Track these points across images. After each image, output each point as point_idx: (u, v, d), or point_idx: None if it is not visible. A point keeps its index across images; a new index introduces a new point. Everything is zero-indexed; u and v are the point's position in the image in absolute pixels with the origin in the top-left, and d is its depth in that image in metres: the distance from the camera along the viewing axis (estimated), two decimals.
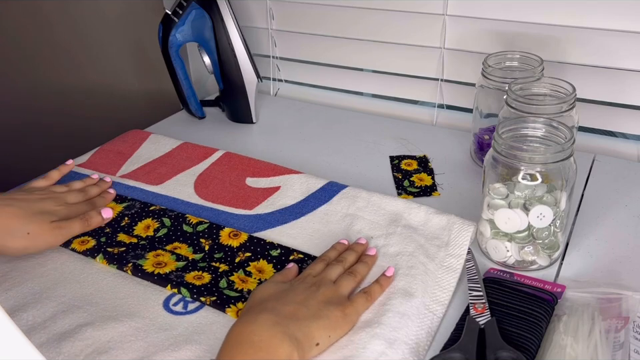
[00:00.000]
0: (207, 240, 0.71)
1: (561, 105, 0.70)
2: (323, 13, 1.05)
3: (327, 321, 0.55)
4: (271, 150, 0.94)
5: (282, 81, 1.17)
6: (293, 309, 0.54)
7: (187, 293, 0.63)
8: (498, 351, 0.53)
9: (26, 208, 0.68)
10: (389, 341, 0.55)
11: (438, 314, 0.60)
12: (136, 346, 0.57)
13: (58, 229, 0.69)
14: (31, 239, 0.67)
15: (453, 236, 0.68)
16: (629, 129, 0.91)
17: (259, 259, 0.68)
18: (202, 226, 0.73)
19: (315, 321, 0.54)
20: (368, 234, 0.70)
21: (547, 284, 0.63)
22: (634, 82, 0.86)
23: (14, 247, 0.66)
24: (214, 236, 0.72)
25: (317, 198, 0.77)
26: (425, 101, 1.06)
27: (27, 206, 0.69)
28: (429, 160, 0.89)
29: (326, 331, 0.54)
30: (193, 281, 0.64)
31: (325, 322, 0.55)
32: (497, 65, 0.82)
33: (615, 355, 0.53)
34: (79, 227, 0.71)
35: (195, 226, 0.73)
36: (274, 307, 0.54)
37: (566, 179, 0.64)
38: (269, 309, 0.54)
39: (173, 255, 0.69)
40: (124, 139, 0.95)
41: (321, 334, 0.54)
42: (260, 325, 0.52)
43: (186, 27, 0.96)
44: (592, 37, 0.86)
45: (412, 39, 0.99)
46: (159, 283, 0.64)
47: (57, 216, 0.70)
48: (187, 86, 1.01)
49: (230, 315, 0.60)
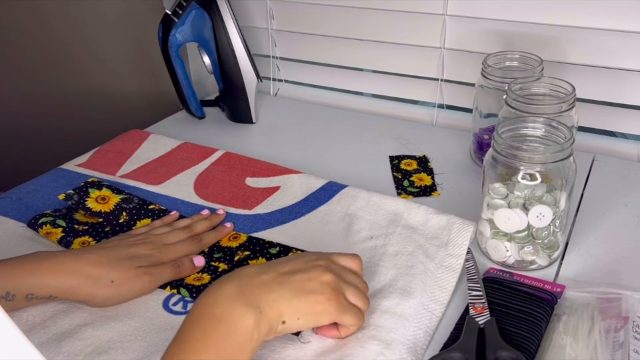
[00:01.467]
0: None
1: (561, 104, 0.70)
2: (323, 13, 1.05)
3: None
4: (271, 150, 0.94)
5: (282, 81, 1.17)
6: (262, 279, 0.51)
7: (186, 293, 0.63)
8: (497, 350, 0.53)
9: (111, 255, 0.62)
10: (386, 341, 0.55)
11: (437, 314, 0.60)
12: (135, 346, 0.57)
13: (146, 275, 0.63)
14: (116, 287, 0.61)
15: (452, 236, 0.68)
16: (628, 129, 0.91)
17: (258, 257, 0.68)
18: None
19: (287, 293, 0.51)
20: (368, 234, 0.70)
21: (547, 284, 0.63)
22: (634, 82, 0.86)
23: (100, 296, 0.61)
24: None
25: (317, 198, 0.77)
26: (425, 101, 1.06)
27: (114, 253, 0.63)
28: (428, 160, 0.89)
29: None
30: (193, 282, 0.64)
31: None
32: (496, 64, 0.82)
33: (614, 355, 0.53)
34: (170, 273, 0.64)
35: None
36: (238, 276, 0.51)
37: (565, 178, 0.64)
38: (233, 278, 0.51)
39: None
40: (124, 138, 0.95)
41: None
42: (222, 294, 0.49)
43: (186, 27, 0.96)
44: (592, 37, 0.86)
45: (412, 39, 0.99)
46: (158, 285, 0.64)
47: (148, 260, 0.64)
48: (187, 86, 1.01)
49: None
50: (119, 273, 0.61)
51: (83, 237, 0.71)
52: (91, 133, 1.01)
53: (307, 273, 0.54)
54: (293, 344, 0.57)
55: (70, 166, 0.89)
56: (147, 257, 0.64)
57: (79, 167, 0.88)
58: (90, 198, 0.76)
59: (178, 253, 0.67)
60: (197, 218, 0.74)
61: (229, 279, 0.51)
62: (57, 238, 0.71)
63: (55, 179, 0.85)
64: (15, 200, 0.80)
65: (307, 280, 0.53)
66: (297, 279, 0.53)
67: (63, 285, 0.59)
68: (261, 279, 0.51)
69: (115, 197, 0.77)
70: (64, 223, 0.73)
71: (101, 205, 0.75)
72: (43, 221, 0.72)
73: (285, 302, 0.51)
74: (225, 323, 0.47)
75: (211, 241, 0.71)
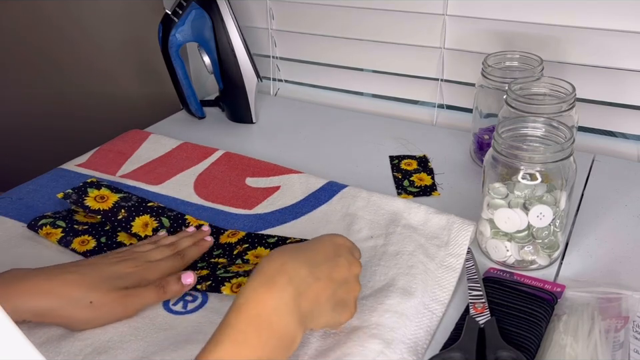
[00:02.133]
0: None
1: (561, 104, 0.70)
2: (323, 13, 1.05)
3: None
4: (271, 150, 0.94)
5: (282, 81, 1.17)
6: (316, 290, 0.50)
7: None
8: (498, 350, 0.53)
9: (91, 274, 0.58)
10: (387, 340, 0.55)
11: (437, 313, 0.60)
12: (135, 345, 0.57)
13: (127, 297, 0.59)
14: (95, 309, 0.57)
15: (452, 235, 0.68)
16: (628, 129, 0.91)
17: (256, 247, 0.68)
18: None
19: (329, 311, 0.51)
20: (368, 233, 0.70)
21: (547, 283, 0.63)
22: (634, 82, 0.86)
23: (77, 319, 0.57)
24: (213, 237, 0.72)
25: (317, 198, 0.77)
26: (425, 101, 1.06)
27: (93, 272, 0.58)
28: (428, 160, 0.89)
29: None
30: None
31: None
32: (496, 64, 0.82)
33: (614, 355, 0.53)
34: (154, 295, 0.60)
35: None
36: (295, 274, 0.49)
37: (566, 178, 0.64)
38: (291, 276, 0.49)
39: None
40: (124, 139, 0.95)
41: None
42: (281, 302, 0.47)
43: (186, 26, 0.96)
44: (592, 37, 0.86)
45: (412, 39, 0.99)
46: None
47: (131, 280, 0.60)
48: (187, 86, 1.01)
49: (225, 292, 0.61)
50: (98, 295, 0.57)
51: (82, 236, 0.71)
52: (91, 133, 1.01)
53: (347, 284, 0.53)
54: None
55: (70, 166, 0.89)
56: (130, 276, 0.61)
57: (78, 167, 0.88)
58: (89, 197, 0.76)
59: (162, 270, 0.64)
60: (181, 235, 0.71)
61: (286, 277, 0.48)
62: (57, 238, 0.71)
63: (54, 179, 0.85)
64: (15, 200, 0.80)
65: (347, 293, 0.54)
66: (341, 293, 0.53)
67: (36, 308, 0.55)
68: (315, 288, 0.50)
69: (113, 195, 0.77)
70: (64, 223, 0.73)
71: (99, 203, 0.75)
72: (43, 222, 0.72)
73: (326, 319, 0.52)
74: (278, 334, 0.47)
75: (195, 256, 0.68)
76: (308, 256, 0.52)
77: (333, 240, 0.56)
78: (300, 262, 0.50)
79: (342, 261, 0.53)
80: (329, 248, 0.54)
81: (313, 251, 0.53)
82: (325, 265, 0.52)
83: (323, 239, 0.55)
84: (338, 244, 0.55)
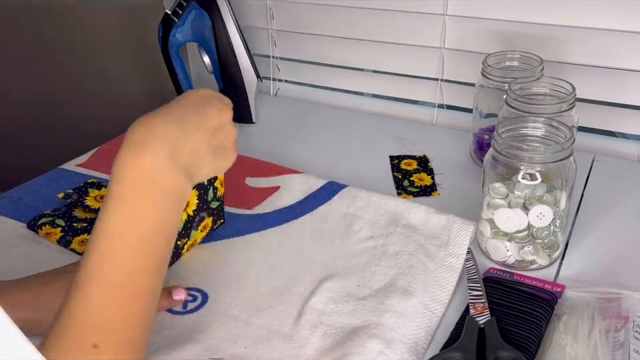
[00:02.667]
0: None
1: (561, 104, 0.70)
2: (322, 13, 1.05)
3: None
4: (271, 150, 0.94)
5: (282, 81, 1.17)
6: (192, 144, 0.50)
7: None
8: (498, 350, 0.53)
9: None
10: (387, 340, 0.55)
11: (437, 313, 0.60)
12: None
13: None
14: None
15: (452, 235, 0.68)
16: (628, 129, 0.91)
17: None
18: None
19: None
20: (368, 233, 0.70)
21: (547, 283, 0.63)
22: (634, 82, 0.86)
23: None
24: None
25: (317, 197, 0.77)
26: (425, 101, 1.06)
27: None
28: (428, 160, 0.89)
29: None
30: None
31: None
32: (496, 64, 0.82)
33: (614, 355, 0.53)
34: None
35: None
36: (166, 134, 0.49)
37: (566, 178, 0.64)
38: (163, 137, 0.48)
39: None
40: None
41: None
42: (160, 157, 0.47)
43: (186, 26, 0.96)
44: (592, 37, 0.86)
45: (412, 39, 0.99)
46: None
47: None
48: (187, 86, 1.01)
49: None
50: None
51: (82, 235, 0.71)
52: (91, 133, 1.01)
53: (222, 130, 0.54)
54: (293, 344, 0.57)
55: (70, 166, 0.89)
56: None
57: (79, 167, 0.88)
58: (89, 197, 0.76)
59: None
60: None
61: (156, 139, 0.48)
62: (57, 238, 0.71)
63: (54, 179, 0.85)
64: (14, 200, 0.80)
65: (224, 139, 0.54)
66: (217, 139, 0.53)
67: (17, 321, 0.53)
68: (189, 141, 0.50)
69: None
70: (63, 222, 0.73)
71: (99, 202, 0.75)
72: (42, 222, 0.72)
73: (210, 167, 0.53)
74: (164, 190, 0.47)
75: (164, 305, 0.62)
76: (174, 113, 0.51)
77: (197, 92, 0.55)
78: (167, 121, 0.49)
79: (211, 109, 0.53)
80: (195, 100, 0.53)
81: (179, 107, 0.52)
82: (194, 116, 0.51)
83: (187, 94, 0.55)
84: (203, 95, 0.55)
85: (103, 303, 0.43)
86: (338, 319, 0.59)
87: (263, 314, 0.60)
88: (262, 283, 0.65)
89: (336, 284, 0.63)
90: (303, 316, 0.60)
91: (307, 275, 0.65)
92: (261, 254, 0.69)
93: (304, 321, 0.59)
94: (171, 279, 0.66)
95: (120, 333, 0.43)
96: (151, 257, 0.46)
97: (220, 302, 0.62)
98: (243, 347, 0.56)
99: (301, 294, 0.63)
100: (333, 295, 0.62)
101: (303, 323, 0.59)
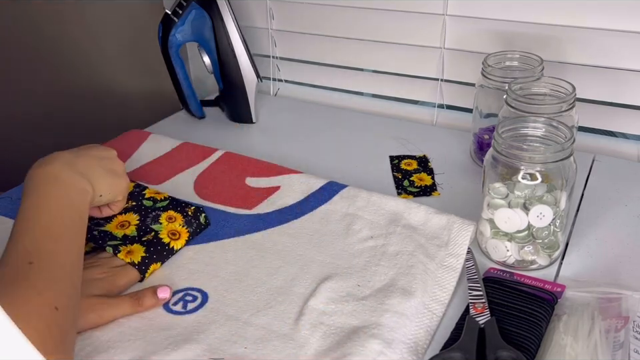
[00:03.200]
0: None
1: (561, 104, 0.70)
2: (322, 13, 1.05)
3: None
4: (271, 150, 0.94)
5: (282, 81, 1.17)
6: (83, 161, 0.64)
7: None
8: (498, 350, 0.53)
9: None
10: (387, 340, 0.55)
11: (437, 313, 0.60)
12: (135, 345, 0.57)
13: (102, 306, 0.59)
14: None
15: (452, 235, 0.68)
16: (629, 129, 0.91)
17: (173, 210, 0.74)
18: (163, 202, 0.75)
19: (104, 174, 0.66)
20: (368, 233, 0.70)
21: (547, 283, 0.63)
22: (634, 82, 0.86)
23: None
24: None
25: (317, 198, 0.77)
26: (425, 101, 1.06)
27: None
28: (428, 160, 0.89)
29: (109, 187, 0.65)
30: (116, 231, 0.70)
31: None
32: (496, 64, 0.82)
33: (614, 355, 0.53)
34: (129, 308, 0.60)
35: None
36: (61, 156, 0.62)
37: (566, 178, 0.64)
38: (57, 157, 0.62)
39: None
40: (124, 138, 0.95)
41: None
42: (56, 164, 0.60)
43: (186, 26, 0.96)
44: (592, 37, 0.86)
45: (412, 39, 0.99)
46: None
47: (101, 287, 0.61)
48: (187, 86, 1.01)
49: (120, 256, 0.65)
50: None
51: None
52: (91, 132, 1.01)
53: (112, 160, 0.69)
54: (293, 344, 0.57)
55: None
56: (100, 282, 0.61)
57: None
58: None
59: (130, 276, 0.64)
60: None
61: (54, 159, 0.61)
62: None
63: None
64: (14, 200, 0.80)
65: (112, 165, 0.68)
66: (106, 164, 0.67)
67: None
68: (82, 160, 0.63)
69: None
70: None
71: None
72: None
73: (107, 181, 0.66)
74: (68, 185, 0.59)
75: (152, 304, 0.63)
76: (65, 153, 0.63)
77: (85, 147, 0.68)
78: (61, 152, 0.63)
79: (96, 147, 0.69)
80: (83, 146, 0.68)
81: (69, 152, 0.64)
82: (84, 150, 0.66)
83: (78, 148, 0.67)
84: (88, 146, 0.69)
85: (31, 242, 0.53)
86: (338, 319, 0.59)
87: (262, 314, 0.60)
88: (262, 283, 0.65)
89: (336, 284, 0.63)
90: (302, 316, 0.60)
91: (307, 275, 0.65)
92: (261, 254, 0.69)
93: (304, 321, 0.59)
94: (171, 278, 0.66)
95: (50, 254, 0.53)
96: (65, 221, 0.57)
97: (220, 302, 0.62)
98: (243, 347, 0.56)
99: (301, 294, 0.63)
100: (333, 294, 0.62)
101: (303, 323, 0.59)
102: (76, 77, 1.04)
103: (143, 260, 0.66)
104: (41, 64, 0.98)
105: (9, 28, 0.92)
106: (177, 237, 0.70)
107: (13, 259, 0.50)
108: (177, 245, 0.69)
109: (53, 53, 0.99)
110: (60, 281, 0.50)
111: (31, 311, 0.45)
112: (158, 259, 0.67)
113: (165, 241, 0.69)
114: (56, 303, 0.47)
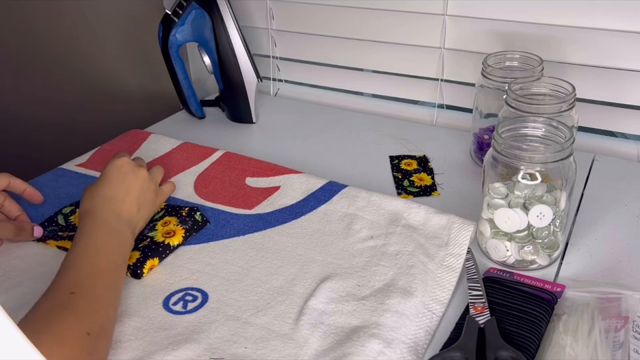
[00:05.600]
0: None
1: (561, 104, 0.70)
2: (322, 13, 1.05)
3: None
4: (271, 150, 0.94)
5: (282, 81, 1.17)
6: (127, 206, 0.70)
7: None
8: (498, 350, 0.53)
9: None
10: (387, 340, 0.55)
11: (437, 313, 0.60)
12: (135, 345, 0.57)
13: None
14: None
15: (452, 235, 0.68)
16: (628, 129, 0.91)
17: (169, 215, 0.75)
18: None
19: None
20: (368, 233, 0.70)
21: (547, 283, 0.63)
22: (634, 82, 0.86)
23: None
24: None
25: (317, 198, 0.77)
26: (425, 101, 1.06)
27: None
28: (428, 160, 0.89)
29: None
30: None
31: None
32: (496, 64, 0.82)
33: (614, 355, 0.53)
34: (12, 232, 0.71)
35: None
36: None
37: (566, 178, 0.64)
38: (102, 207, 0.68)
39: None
40: (124, 138, 0.95)
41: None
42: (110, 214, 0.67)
43: (186, 27, 0.96)
44: (592, 37, 0.86)
45: (412, 39, 0.99)
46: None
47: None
48: (187, 86, 1.01)
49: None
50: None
51: None
52: (91, 132, 1.01)
53: (144, 187, 0.72)
54: (293, 344, 0.57)
55: (70, 166, 0.89)
56: None
57: (79, 167, 0.89)
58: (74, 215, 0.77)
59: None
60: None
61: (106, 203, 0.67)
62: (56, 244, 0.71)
63: (54, 179, 0.85)
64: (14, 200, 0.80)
65: (148, 193, 0.72)
66: (144, 196, 0.72)
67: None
68: (126, 206, 0.68)
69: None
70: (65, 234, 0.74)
71: None
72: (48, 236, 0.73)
73: (142, 215, 0.71)
74: (112, 231, 0.65)
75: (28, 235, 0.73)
76: (104, 191, 0.68)
77: (114, 165, 0.71)
78: (100, 200, 0.68)
79: (129, 177, 0.71)
80: (114, 174, 0.70)
81: (105, 185, 0.69)
82: (119, 190, 0.69)
83: (108, 169, 0.71)
84: (118, 165, 0.71)
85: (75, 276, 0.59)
86: (338, 318, 0.59)
87: (263, 314, 0.60)
88: (262, 283, 0.65)
89: (336, 284, 0.63)
90: (303, 316, 0.60)
91: (307, 275, 0.65)
92: (261, 254, 0.69)
93: (304, 321, 0.59)
94: (171, 278, 0.66)
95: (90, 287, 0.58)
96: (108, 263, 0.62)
97: (220, 302, 0.62)
98: (243, 347, 0.56)
99: (301, 294, 0.63)
100: (333, 294, 0.62)
101: (303, 322, 0.59)
102: (76, 77, 1.04)
103: (137, 260, 0.66)
104: (40, 64, 0.98)
105: (9, 28, 0.92)
106: (172, 234, 0.70)
107: (57, 288, 0.57)
108: (173, 242, 0.70)
109: (52, 54, 0.99)
110: (96, 313, 0.55)
111: (66, 333, 0.51)
112: (153, 255, 0.67)
113: (159, 240, 0.69)
114: (89, 329, 0.52)
